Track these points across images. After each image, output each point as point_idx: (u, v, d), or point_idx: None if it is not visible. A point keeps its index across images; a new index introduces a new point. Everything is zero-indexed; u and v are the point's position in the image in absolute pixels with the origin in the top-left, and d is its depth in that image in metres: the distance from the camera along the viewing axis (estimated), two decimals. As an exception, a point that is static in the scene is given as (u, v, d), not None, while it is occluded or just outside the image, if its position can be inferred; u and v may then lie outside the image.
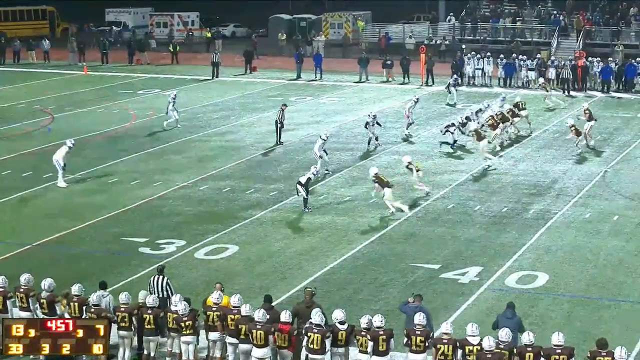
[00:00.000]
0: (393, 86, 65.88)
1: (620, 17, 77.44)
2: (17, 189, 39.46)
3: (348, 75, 68.67)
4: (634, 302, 27.71)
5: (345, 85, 65.86)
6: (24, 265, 27.94)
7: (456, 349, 21.69)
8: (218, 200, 38.00)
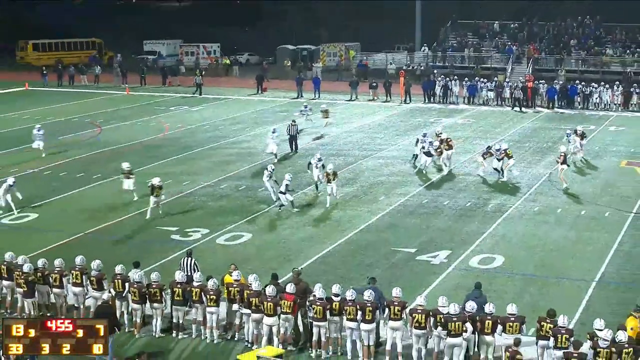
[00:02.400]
0: (377, 104, 65.87)
1: (562, 47, 77.58)
2: (71, 187, 39.47)
3: (341, 94, 68.67)
4: (574, 280, 27.78)
5: (339, 102, 65.80)
6: (77, 249, 27.91)
7: (429, 317, 21.81)
8: (235, 197, 37.99)
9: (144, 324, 24.25)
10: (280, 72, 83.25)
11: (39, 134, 45.70)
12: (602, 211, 35.51)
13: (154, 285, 23.92)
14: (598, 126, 55.39)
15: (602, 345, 19.70)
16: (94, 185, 40.09)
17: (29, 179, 41.22)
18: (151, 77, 76.96)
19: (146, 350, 22.61)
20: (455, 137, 50.29)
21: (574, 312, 24.29)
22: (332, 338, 22.70)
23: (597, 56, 75.51)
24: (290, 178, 35.71)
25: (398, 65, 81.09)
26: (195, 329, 23.92)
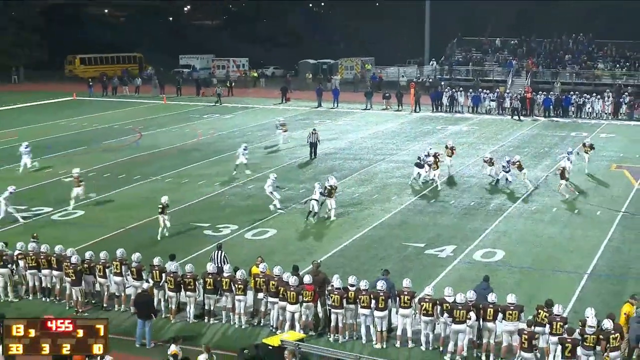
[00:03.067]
0: (390, 112, 65.83)
1: (558, 61, 77.40)
2: (114, 187, 39.59)
3: (357, 104, 68.63)
4: (568, 273, 27.73)
5: (355, 111, 65.83)
6: (118, 243, 27.99)
7: (436, 305, 21.87)
8: (261, 196, 37.91)
9: (179, 310, 24.32)
10: (302, 83, 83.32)
11: (25, 150, 43.12)
12: (593, 210, 35.42)
13: (188, 275, 24.04)
14: (590, 133, 55.18)
15: (588, 332, 19.96)
16: (134, 185, 40.22)
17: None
18: (186, 88, 77.14)
19: (181, 334, 22.69)
20: (460, 143, 50.44)
21: (567, 301, 24.24)
22: (349, 324, 22.79)
23: (589, 70, 75.25)
24: (275, 177, 35.96)
25: (409, 77, 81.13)
26: (225, 315, 23.99)
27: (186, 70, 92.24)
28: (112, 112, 65.29)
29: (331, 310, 22.85)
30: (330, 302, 22.76)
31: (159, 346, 21.98)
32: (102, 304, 25.11)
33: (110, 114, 64.16)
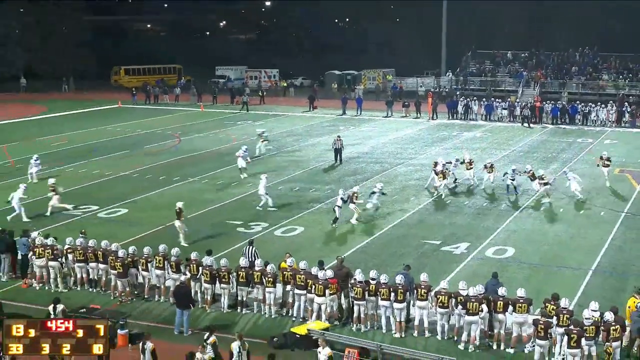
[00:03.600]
0: (409, 120, 65.66)
1: (565, 73, 77.01)
2: (155, 188, 39.77)
3: (379, 112, 68.50)
4: (573, 269, 27.61)
5: (377, 119, 65.75)
6: (159, 239, 28.14)
7: (451, 298, 21.86)
8: (290, 196, 38.06)
9: (214, 301, 24.43)
10: (328, 93, 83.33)
11: (35, 162, 41.46)
12: (597, 211, 35.22)
13: (223, 269, 24.13)
14: (595, 139, 54.90)
15: (586, 323, 20.06)
16: (174, 185, 40.35)
17: (121, 180, 41.65)
18: (221, 97, 77.32)
19: (215, 323, 22.81)
20: (474, 148, 50.37)
21: (573, 296, 24.12)
22: (370, 315, 22.85)
23: (594, 81, 74.82)
24: (266, 177, 36.26)
25: (427, 87, 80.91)
26: (256, 306, 24.06)
27: (221, 81, 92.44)
28: (153, 119, 65.57)
29: (354, 301, 22.94)
30: (353, 294, 22.86)
31: (195, 334, 22.07)
32: (144, 295, 25.27)
33: (151, 121, 64.43)
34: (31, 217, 33.48)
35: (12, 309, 24.05)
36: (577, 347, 19.79)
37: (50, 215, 34.25)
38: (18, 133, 57.25)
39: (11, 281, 26.75)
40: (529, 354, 20.98)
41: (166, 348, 20.36)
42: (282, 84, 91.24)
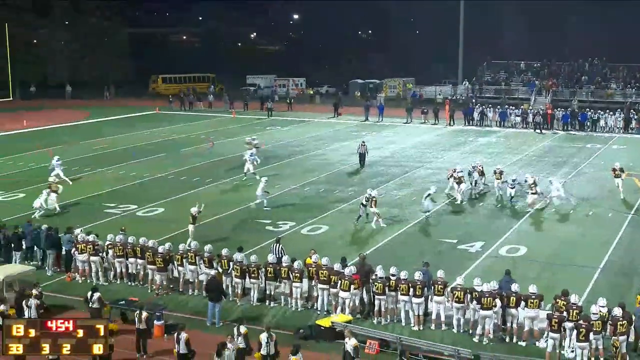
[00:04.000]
0: (428, 126, 65.38)
1: (575, 82, 76.59)
2: (189, 188, 39.89)
3: (399, 118, 68.28)
4: (583, 267, 27.45)
5: (397, 125, 65.60)
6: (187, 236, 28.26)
7: (466, 294, 21.80)
8: (316, 197, 38.09)
9: (244, 294, 24.48)
10: (352, 100, 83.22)
11: (57, 163, 41.13)
12: (605, 212, 34.97)
13: (252, 265, 24.20)
14: (604, 145, 54.51)
15: (593, 318, 20.03)
16: (207, 187, 40.45)
17: (158, 181, 41.83)
18: (252, 104, 77.40)
19: (245, 315, 22.85)
20: (489, 153, 50.22)
21: (582, 292, 23.93)
22: (390, 308, 22.80)
23: (603, 89, 74.34)
24: (265, 180, 36.06)
25: (444, 95, 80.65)
26: (283, 300, 24.08)
27: (252, 88, 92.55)
28: (188, 124, 65.82)
29: (375, 296, 22.93)
30: (375, 289, 22.86)
31: (226, 325, 22.10)
32: (179, 289, 25.36)
33: (187, 126, 64.70)
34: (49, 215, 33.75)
35: (56, 301, 24.27)
36: (586, 341, 19.72)
37: (56, 211, 34.53)
38: (63, 137, 57.68)
39: (56, 275, 26.97)
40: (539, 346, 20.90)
41: (199, 338, 20.43)
42: (309, 92, 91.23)
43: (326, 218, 34.12)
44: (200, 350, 19.64)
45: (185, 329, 19.95)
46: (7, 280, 23.23)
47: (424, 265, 23.84)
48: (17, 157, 49.02)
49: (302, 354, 18.57)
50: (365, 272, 23.50)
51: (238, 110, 74.52)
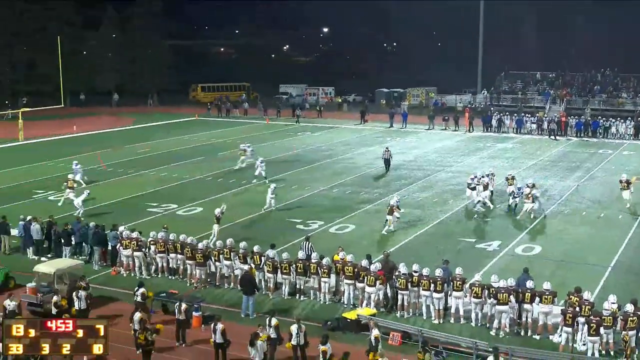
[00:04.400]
0: (448, 132, 65.09)
1: (588, 91, 75.91)
2: (225, 189, 40.05)
3: (422, 125, 68.04)
4: (594, 266, 27.25)
5: (420, 131, 65.35)
6: (228, 234, 28.37)
7: (484, 290, 21.73)
8: (343, 198, 38.07)
9: (276, 288, 24.53)
10: (378, 108, 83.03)
11: (76, 168, 41.12)
12: (616, 214, 34.63)
13: (284, 261, 24.25)
14: (615, 151, 53.98)
15: (604, 314, 19.91)
16: (242, 188, 40.60)
17: (197, 183, 42.03)
18: (284, 111, 77.54)
19: (277, 307, 22.91)
20: (505, 158, 49.98)
21: (594, 289, 23.74)
22: (412, 303, 22.76)
23: (614, 98, 73.58)
24: (274, 187, 35.43)
25: (464, 103, 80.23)
26: (312, 294, 24.12)
27: (284, 97, 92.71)
28: (225, 130, 66.05)
29: (398, 291, 22.89)
30: (398, 284, 22.83)
31: (259, 317, 22.16)
32: (216, 283, 25.47)
33: (223, 131, 64.92)
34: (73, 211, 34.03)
35: (103, 293, 24.48)
36: (597, 335, 19.66)
37: (62, 206, 35.21)
38: (110, 141, 58.14)
39: (102, 269, 27.22)
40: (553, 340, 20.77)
41: (234, 329, 20.51)
42: (337, 100, 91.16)
43: (353, 218, 34.09)
44: (235, 340, 19.72)
45: (221, 320, 20.04)
46: (58, 274, 23.49)
47: (444, 262, 23.79)
48: (68, 159, 49.46)
49: (330, 344, 18.60)
50: (389, 268, 23.53)
51: (271, 117, 74.70)
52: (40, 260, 27.10)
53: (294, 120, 72.05)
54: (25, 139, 58.10)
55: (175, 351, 20.75)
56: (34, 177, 43.11)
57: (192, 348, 20.87)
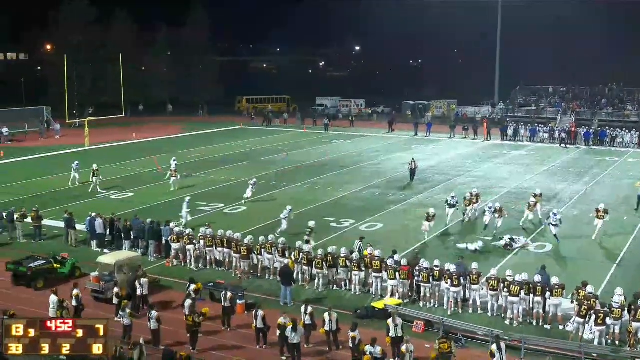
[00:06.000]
0: (468, 140, 64.60)
1: (596, 104, 74.87)
2: (267, 190, 40.03)
3: (443, 134, 67.65)
4: (601, 262, 26.89)
5: (442, 139, 64.98)
6: (270, 230, 28.46)
7: (499, 283, 21.58)
8: (372, 199, 37.99)
9: (311, 280, 24.55)
10: (404, 118, 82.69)
11: (76, 167, 41.30)
12: (621, 216, 34.09)
13: (318, 256, 24.28)
14: (620, 158, 53.23)
15: (614, 307, 19.67)
16: (282, 189, 40.69)
17: (242, 184, 42.11)
18: (320, 120, 77.56)
19: (311, 297, 22.95)
20: (520, 164, 49.51)
21: (600, 284, 23.50)
22: (433, 294, 22.63)
23: (620, 110, 72.53)
24: (290, 209, 31.25)
25: (483, 114, 79.59)
26: (344, 285, 24.10)
27: (320, 108, 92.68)
28: (267, 137, 66.29)
29: (421, 284, 22.78)
30: (420, 278, 22.70)
31: (297, 305, 22.20)
32: (258, 274, 25.57)
33: (265, 139, 65.16)
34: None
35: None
36: (603, 325, 19.39)
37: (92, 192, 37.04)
38: (165, 147, 58.66)
39: (157, 260, 27.47)
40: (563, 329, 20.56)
41: (274, 315, 20.58)
42: (367, 111, 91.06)
43: (381, 217, 34.00)
44: (274, 325, 19.80)
45: (262, 307, 20.14)
46: (119, 264, 23.77)
47: (460, 258, 23.79)
48: (128, 162, 50.08)
49: (359, 331, 18.58)
50: (415, 264, 23.44)
51: (308, 126, 74.81)
52: (103, 252, 27.45)
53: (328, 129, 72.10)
54: (91, 145, 58.87)
55: (221, 334, 20.89)
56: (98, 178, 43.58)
57: (236, 332, 20.99)
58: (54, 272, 25.05)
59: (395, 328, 18.89)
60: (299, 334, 18.98)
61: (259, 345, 19.92)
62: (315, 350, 19.76)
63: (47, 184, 41.99)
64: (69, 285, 22.96)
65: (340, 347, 19.66)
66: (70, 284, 22.84)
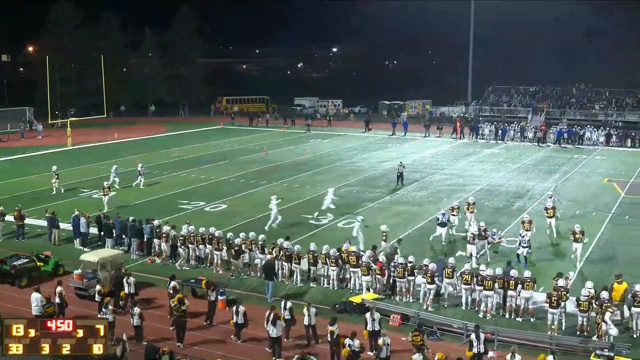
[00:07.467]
0: (442, 139, 64.83)
1: (565, 103, 75.54)
2: (247, 189, 40.08)
3: (419, 133, 67.88)
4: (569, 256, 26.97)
5: (417, 138, 65.20)
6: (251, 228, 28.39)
7: (472, 277, 21.70)
8: (349, 197, 37.99)
9: (290, 276, 24.51)
10: (380, 118, 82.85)
11: (114, 172, 40.57)
12: (589, 212, 34.44)
13: (296, 251, 24.25)
14: (588, 156, 53.77)
15: (582, 299, 19.96)
16: (262, 187, 40.60)
17: (222, 183, 42.06)
18: (298, 120, 77.48)
19: (290, 292, 22.90)
20: (492, 161, 49.79)
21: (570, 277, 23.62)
22: (408, 289, 22.72)
23: (588, 110, 73.23)
24: (275, 197, 31.82)
25: (456, 114, 79.98)
26: (322, 280, 24.09)
27: (298, 108, 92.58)
28: (246, 137, 66.10)
29: (396, 279, 22.83)
30: (396, 274, 22.74)
31: (277, 300, 22.14)
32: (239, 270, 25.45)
33: (245, 138, 64.97)
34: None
35: (139, 279, 24.49)
36: (557, 308, 20.01)
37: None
38: (146, 147, 58.29)
39: (139, 258, 27.30)
40: (533, 321, 20.72)
41: (254, 310, 20.52)
42: (344, 111, 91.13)
43: (358, 214, 33.83)
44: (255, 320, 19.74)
45: (243, 303, 20.08)
46: (101, 262, 23.57)
47: (442, 255, 23.84)
48: (110, 162, 49.63)
49: (337, 325, 18.59)
50: (392, 259, 23.48)
51: (287, 126, 74.70)
52: (84, 250, 27.21)
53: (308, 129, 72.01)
54: (73, 145, 58.32)
55: (201, 330, 20.80)
56: (79, 178, 43.26)
57: (216, 327, 20.90)
58: (37, 270, 24.80)
59: (372, 322, 18.93)
60: (279, 327, 18.93)
61: (238, 340, 19.84)
62: (295, 344, 19.75)
63: (28, 184, 41.56)
64: (52, 283, 22.74)
65: (319, 341, 19.65)
66: (54, 281, 22.63)
